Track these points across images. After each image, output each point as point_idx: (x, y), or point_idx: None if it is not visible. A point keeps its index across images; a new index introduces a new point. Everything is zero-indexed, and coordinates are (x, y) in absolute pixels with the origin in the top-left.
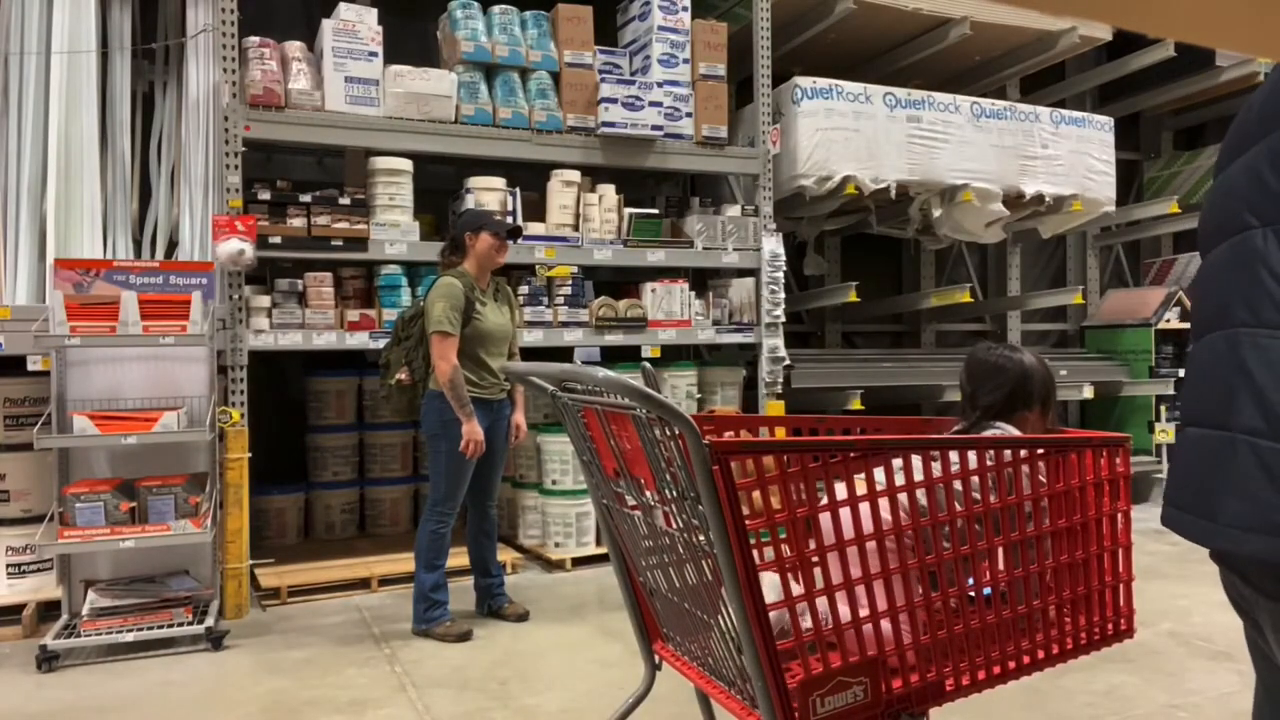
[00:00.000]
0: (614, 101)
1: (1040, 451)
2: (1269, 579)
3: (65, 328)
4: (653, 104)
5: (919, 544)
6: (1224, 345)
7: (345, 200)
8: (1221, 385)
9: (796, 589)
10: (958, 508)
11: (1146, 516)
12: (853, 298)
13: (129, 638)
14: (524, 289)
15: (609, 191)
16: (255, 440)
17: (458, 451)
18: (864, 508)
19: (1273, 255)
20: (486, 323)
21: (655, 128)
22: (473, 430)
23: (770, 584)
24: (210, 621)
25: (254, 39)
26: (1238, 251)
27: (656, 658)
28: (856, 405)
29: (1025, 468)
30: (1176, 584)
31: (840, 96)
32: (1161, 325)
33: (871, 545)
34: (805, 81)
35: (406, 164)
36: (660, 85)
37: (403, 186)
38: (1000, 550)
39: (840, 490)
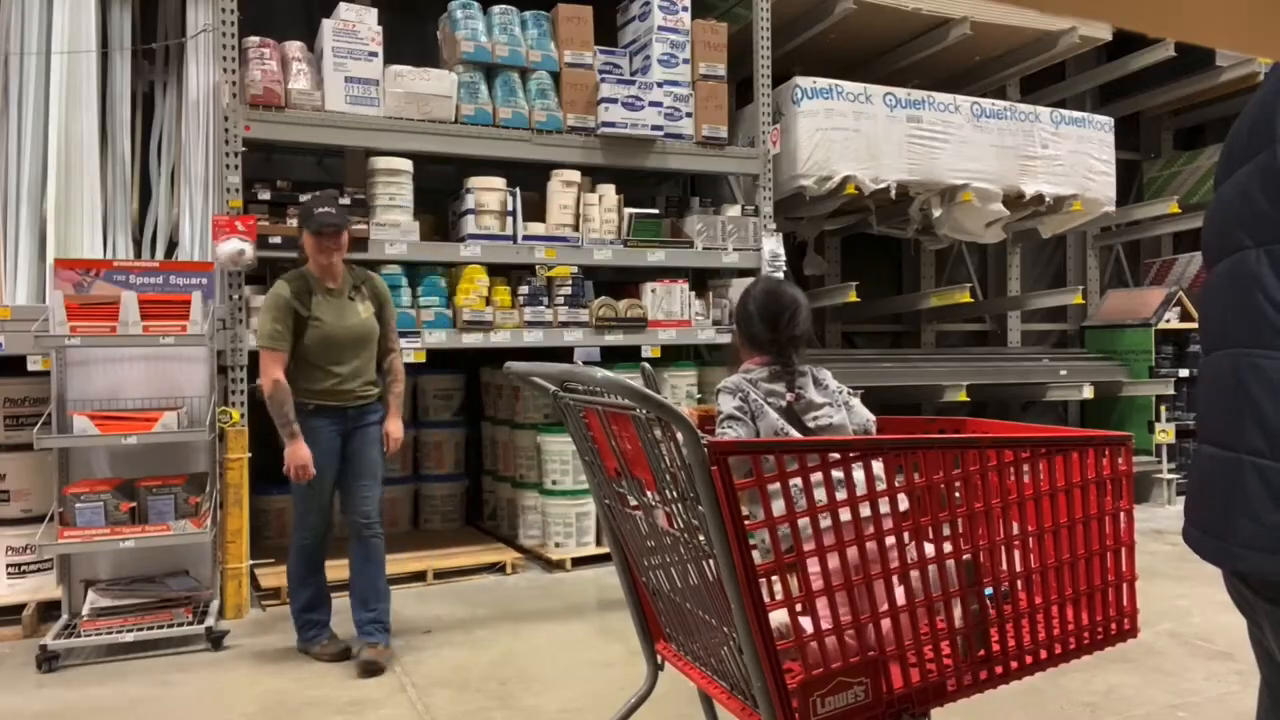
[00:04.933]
0: (614, 101)
1: (1041, 450)
2: (1271, 589)
3: (65, 328)
4: (653, 104)
5: (919, 543)
6: (1226, 365)
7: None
8: (1226, 405)
9: (796, 590)
10: (957, 506)
11: (1146, 516)
12: (853, 298)
13: (129, 638)
14: (524, 289)
15: (609, 191)
16: (255, 440)
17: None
18: (863, 507)
19: (1266, 277)
20: (326, 327)
21: (655, 128)
22: (294, 453)
23: (778, 623)
24: (210, 621)
25: (254, 39)
26: (1235, 272)
27: (659, 658)
28: None
29: (1026, 466)
30: (1176, 584)
31: (840, 96)
32: (1161, 325)
33: (871, 545)
34: (805, 81)
35: (406, 164)
36: (660, 85)
37: (403, 186)
38: (1002, 549)
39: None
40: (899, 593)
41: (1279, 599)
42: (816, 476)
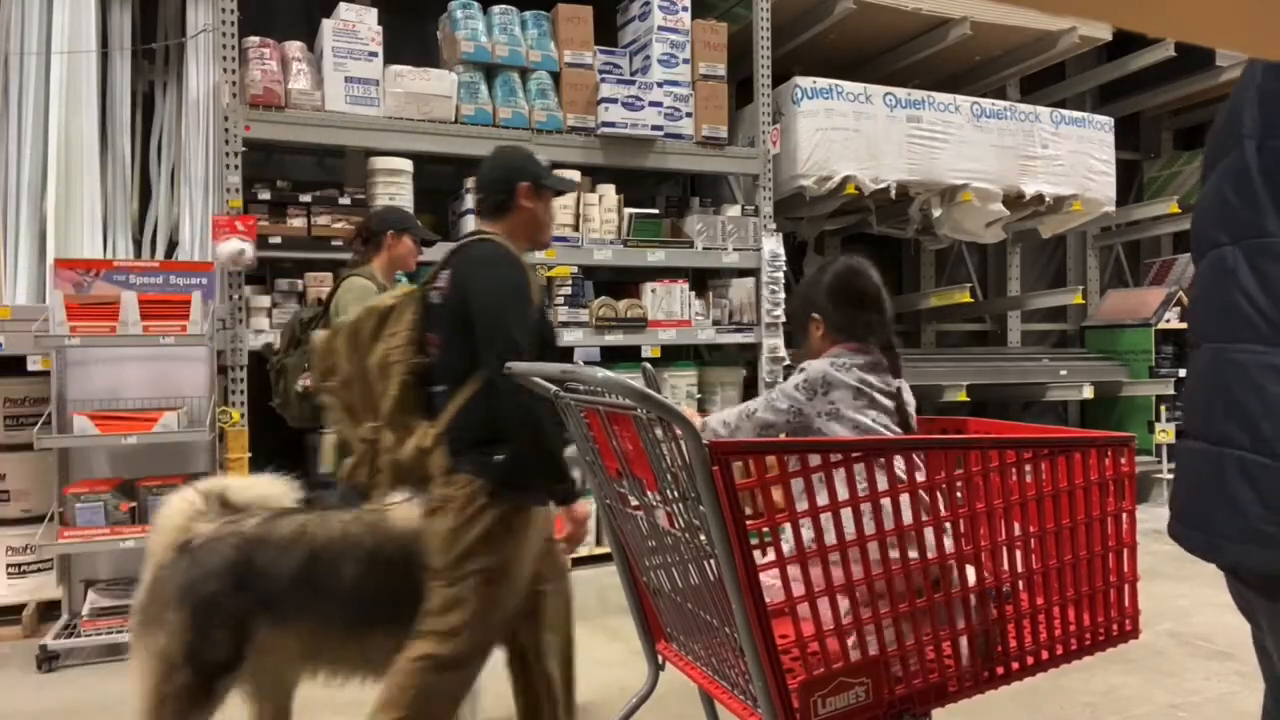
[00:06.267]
0: (614, 101)
1: (1044, 451)
2: (1262, 582)
3: (65, 328)
4: (653, 104)
5: (921, 544)
6: (1208, 360)
7: (345, 200)
8: (1209, 400)
9: (797, 590)
10: (959, 507)
11: (1147, 517)
12: None
13: (129, 638)
14: None
15: (609, 191)
16: (255, 440)
17: None
18: (865, 508)
19: (1242, 272)
20: None
21: (655, 128)
22: None
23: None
24: None
25: (254, 39)
26: (1213, 268)
27: (660, 658)
28: None
29: (1028, 466)
30: (1176, 584)
31: (840, 96)
32: (1161, 325)
33: (873, 545)
34: (805, 81)
35: (406, 164)
36: (660, 85)
37: (403, 186)
38: (1004, 550)
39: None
40: (900, 594)
41: (1269, 591)
42: (818, 477)
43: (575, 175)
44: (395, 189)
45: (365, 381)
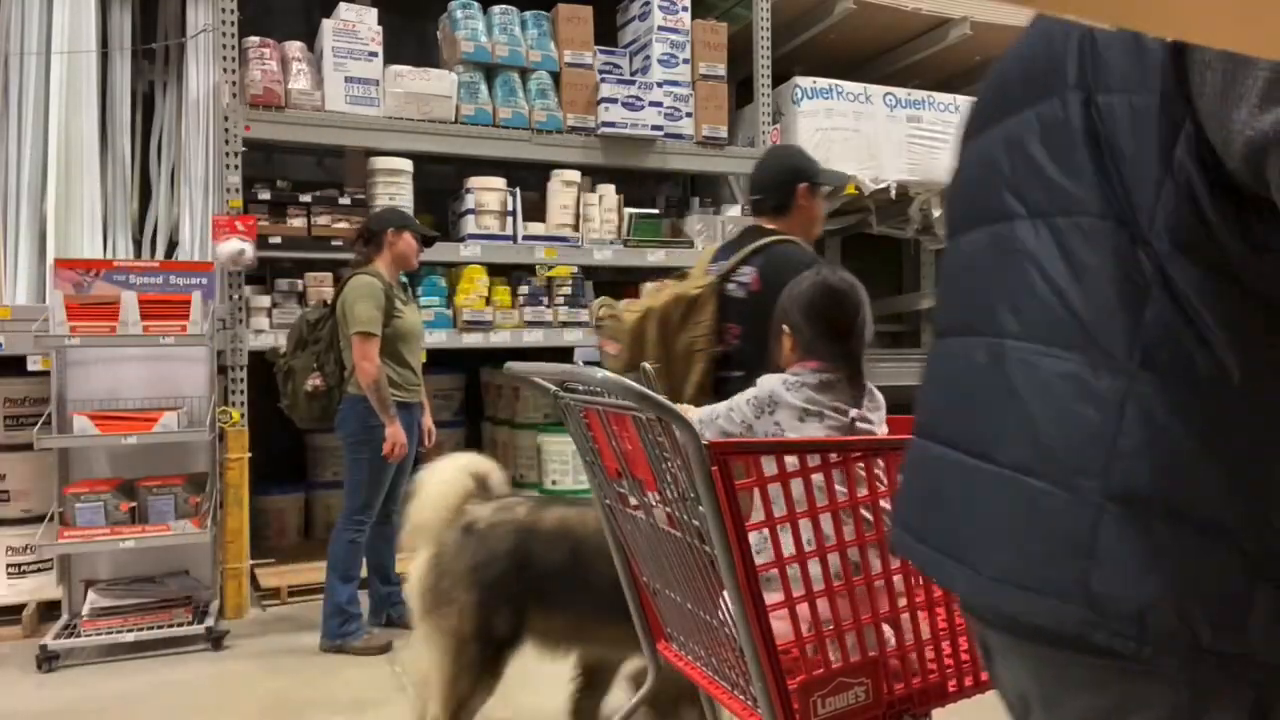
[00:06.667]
0: (614, 101)
1: None
2: (1022, 630)
3: (65, 328)
4: (653, 104)
5: None
6: (985, 357)
7: (345, 200)
8: (981, 406)
9: (797, 590)
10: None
11: None
12: None
13: (129, 638)
14: (524, 289)
15: (609, 191)
16: (255, 440)
17: (380, 457)
18: (864, 508)
19: (1046, 255)
20: (406, 321)
21: (655, 128)
22: (397, 433)
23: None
24: (210, 621)
25: (254, 39)
26: (1000, 243)
27: (660, 658)
28: None
29: None
30: None
31: (840, 96)
32: None
33: (872, 546)
34: (805, 81)
35: (406, 164)
36: (660, 85)
37: (403, 186)
38: None
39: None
40: (900, 593)
41: (1047, 644)
42: (817, 477)
43: (576, 175)
44: (395, 189)
45: (669, 365)
